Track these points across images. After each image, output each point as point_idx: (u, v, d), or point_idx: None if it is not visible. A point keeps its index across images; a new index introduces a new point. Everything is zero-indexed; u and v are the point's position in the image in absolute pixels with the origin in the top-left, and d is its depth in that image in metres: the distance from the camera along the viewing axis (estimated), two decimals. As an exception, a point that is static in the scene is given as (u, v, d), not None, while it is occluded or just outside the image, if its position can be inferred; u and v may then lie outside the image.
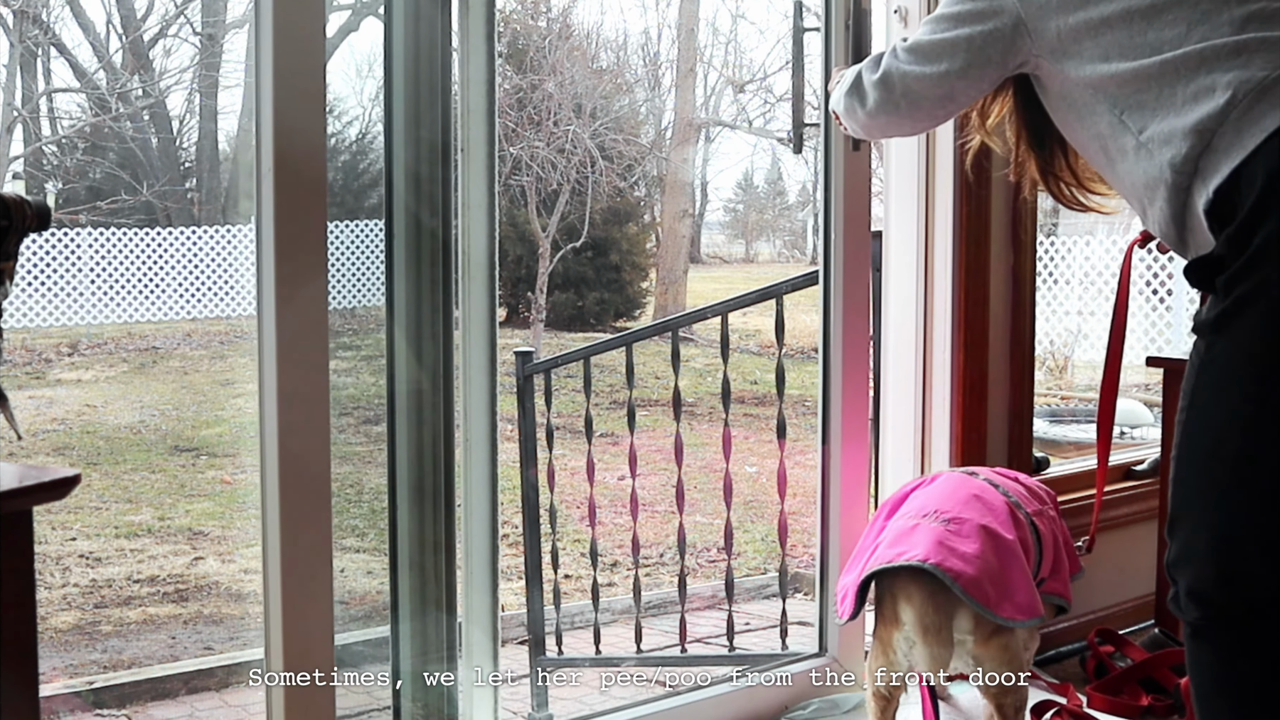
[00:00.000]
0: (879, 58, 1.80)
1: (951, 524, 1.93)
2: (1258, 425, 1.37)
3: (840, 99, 1.87)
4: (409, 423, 1.79)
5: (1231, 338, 1.39)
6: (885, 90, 1.76)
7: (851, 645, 2.37)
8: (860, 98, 1.81)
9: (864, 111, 1.81)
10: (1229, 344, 1.39)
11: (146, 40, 10.86)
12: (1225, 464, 1.40)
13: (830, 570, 2.35)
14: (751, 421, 8.79)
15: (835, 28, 2.23)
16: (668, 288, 12.91)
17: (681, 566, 3.69)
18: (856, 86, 1.82)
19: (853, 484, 2.34)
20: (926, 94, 1.72)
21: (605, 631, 4.13)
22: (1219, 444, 1.41)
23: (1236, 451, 1.39)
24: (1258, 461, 1.37)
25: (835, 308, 2.30)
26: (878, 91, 1.78)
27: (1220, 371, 1.41)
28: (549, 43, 11.33)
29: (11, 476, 1.14)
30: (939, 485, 2.14)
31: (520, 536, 3.80)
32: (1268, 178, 1.33)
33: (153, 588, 5.30)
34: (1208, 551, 1.41)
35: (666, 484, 7.00)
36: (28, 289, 9.15)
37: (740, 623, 4.43)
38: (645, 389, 9.19)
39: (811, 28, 2.26)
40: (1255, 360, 1.37)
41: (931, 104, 1.74)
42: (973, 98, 1.76)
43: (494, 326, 1.88)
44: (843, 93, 1.86)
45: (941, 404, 2.42)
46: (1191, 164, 1.40)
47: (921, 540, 1.90)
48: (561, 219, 11.10)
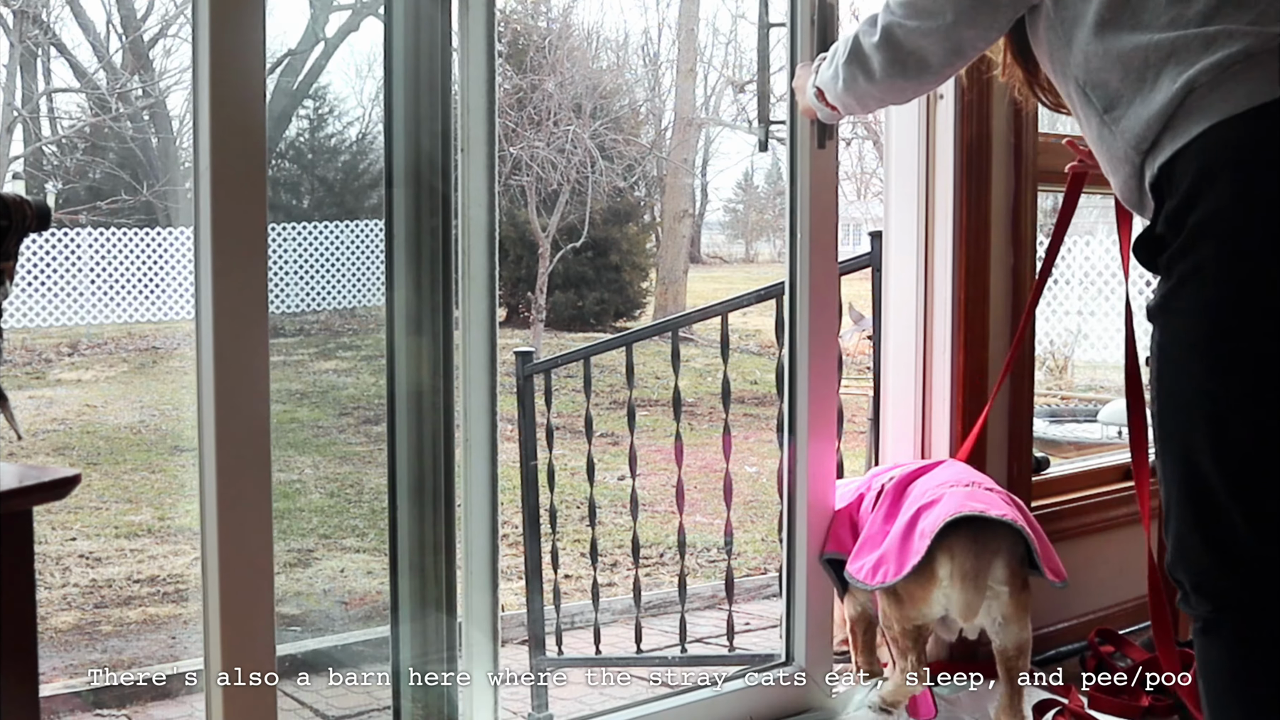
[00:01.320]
0: (873, 19, 1.70)
1: (994, 493, 2.08)
2: (1225, 408, 1.36)
3: (835, 73, 1.78)
4: (409, 423, 1.79)
5: (1178, 322, 1.39)
6: (891, 50, 1.67)
7: (820, 650, 2.30)
8: (862, 64, 1.72)
9: (867, 80, 1.73)
10: (1176, 329, 1.39)
11: (146, 40, 10.85)
12: (1202, 453, 1.38)
13: (797, 570, 2.27)
14: (751, 421, 8.80)
15: (801, 24, 2.17)
16: (668, 288, 12.91)
17: (681, 566, 3.69)
18: (856, 54, 1.72)
19: (820, 481, 2.27)
20: (934, 49, 1.64)
21: (605, 631, 4.13)
22: (1191, 433, 1.39)
23: (1210, 438, 1.37)
24: (1232, 444, 1.36)
25: (801, 305, 2.23)
26: (882, 53, 1.68)
27: (1174, 359, 1.41)
28: (549, 42, 11.33)
29: (11, 476, 1.14)
30: (949, 468, 2.18)
31: (520, 536, 3.80)
32: (1205, 161, 1.34)
33: (153, 588, 5.30)
34: (1202, 543, 1.40)
35: (666, 484, 7.01)
36: (28, 289, 9.15)
37: (740, 623, 4.44)
38: (645, 389, 9.19)
39: (777, 23, 2.21)
40: (1205, 341, 1.36)
41: (940, 61, 1.66)
42: (981, 49, 1.67)
43: (494, 326, 1.88)
44: (839, 64, 1.77)
45: (941, 404, 2.42)
46: (1150, 145, 1.41)
47: (987, 500, 2.04)
48: (561, 219, 11.10)
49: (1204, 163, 1.35)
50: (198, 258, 1.55)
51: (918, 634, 2.11)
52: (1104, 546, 2.35)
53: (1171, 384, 1.41)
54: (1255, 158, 1.34)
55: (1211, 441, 1.37)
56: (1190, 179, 1.35)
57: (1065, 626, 2.62)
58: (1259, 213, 1.33)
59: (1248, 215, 1.33)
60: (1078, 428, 5.95)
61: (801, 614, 2.27)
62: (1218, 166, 1.34)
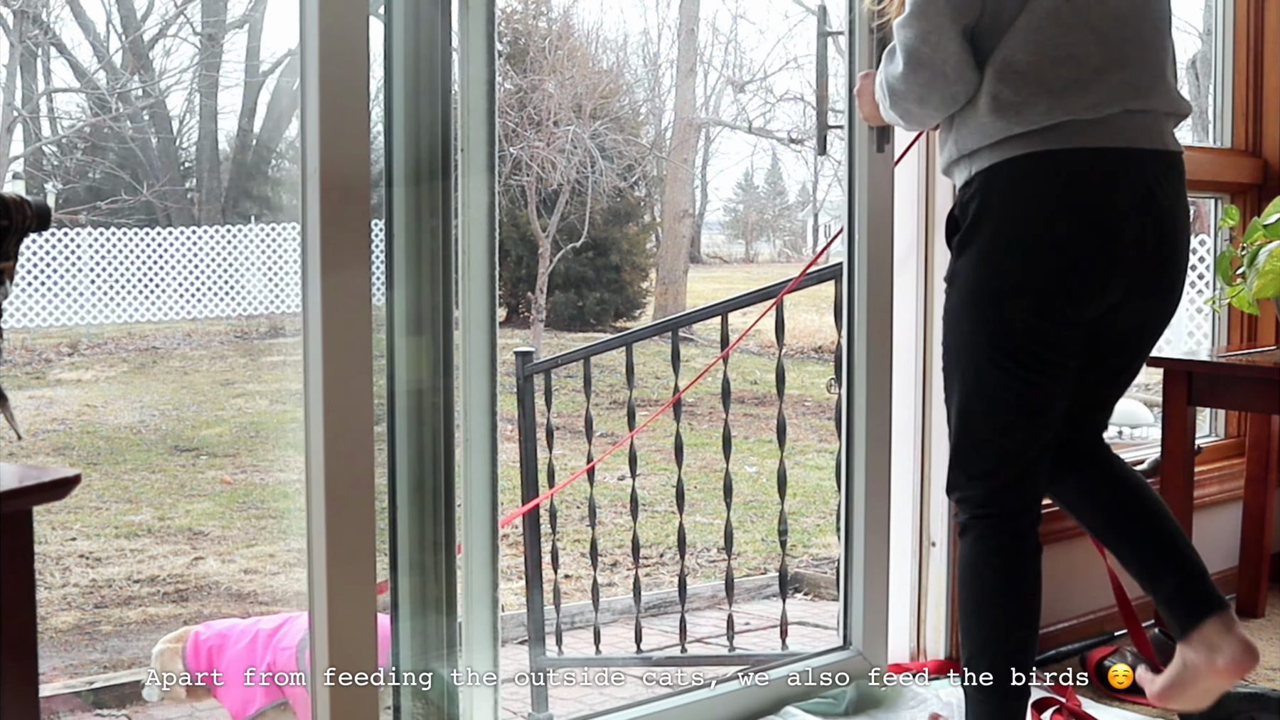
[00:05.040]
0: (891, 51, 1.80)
1: None
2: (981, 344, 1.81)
3: (898, 94, 1.84)
4: (409, 423, 1.79)
5: (958, 284, 1.83)
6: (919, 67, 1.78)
7: (875, 637, 2.38)
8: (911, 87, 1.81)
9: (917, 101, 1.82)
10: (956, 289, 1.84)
11: (146, 40, 10.85)
12: (970, 394, 1.86)
13: (855, 558, 2.35)
14: (751, 421, 8.80)
15: (859, 32, 2.25)
16: (668, 288, 12.91)
17: (681, 566, 3.69)
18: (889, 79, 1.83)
19: (876, 477, 2.36)
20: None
21: (605, 631, 4.13)
22: (963, 375, 1.85)
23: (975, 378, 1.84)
24: (986, 385, 1.83)
25: (860, 309, 2.33)
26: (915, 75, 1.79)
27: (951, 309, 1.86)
28: (549, 43, 11.33)
29: (11, 476, 1.14)
30: None
31: (520, 536, 3.80)
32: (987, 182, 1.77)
33: (153, 588, 5.30)
34: (962, 464, 1.89)
35: (666, 484, 7.01)
36: (28, 289, 9.15)
37: (740, 622, 4.44)
38: (645, 389, 9.19)
39: (835, 31, 2.28)
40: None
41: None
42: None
43: (494, 326, 1.88)
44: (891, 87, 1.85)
45: (941, 404, 2.42)
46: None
47: None
48: (561, 219, 11.10)
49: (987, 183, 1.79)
50: (305, 256, 1.63)
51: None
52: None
53: (951, 326, 1.87)
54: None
55: (976, 381, 1.82)
56: (977, 189, 1.79)
57: (1065, 626, 2.62)
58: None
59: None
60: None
61: (859, 601, 2.35)
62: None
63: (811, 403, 9.46)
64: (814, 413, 9.19)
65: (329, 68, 1.61)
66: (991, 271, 1.78)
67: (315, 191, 1.61)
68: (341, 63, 1.62)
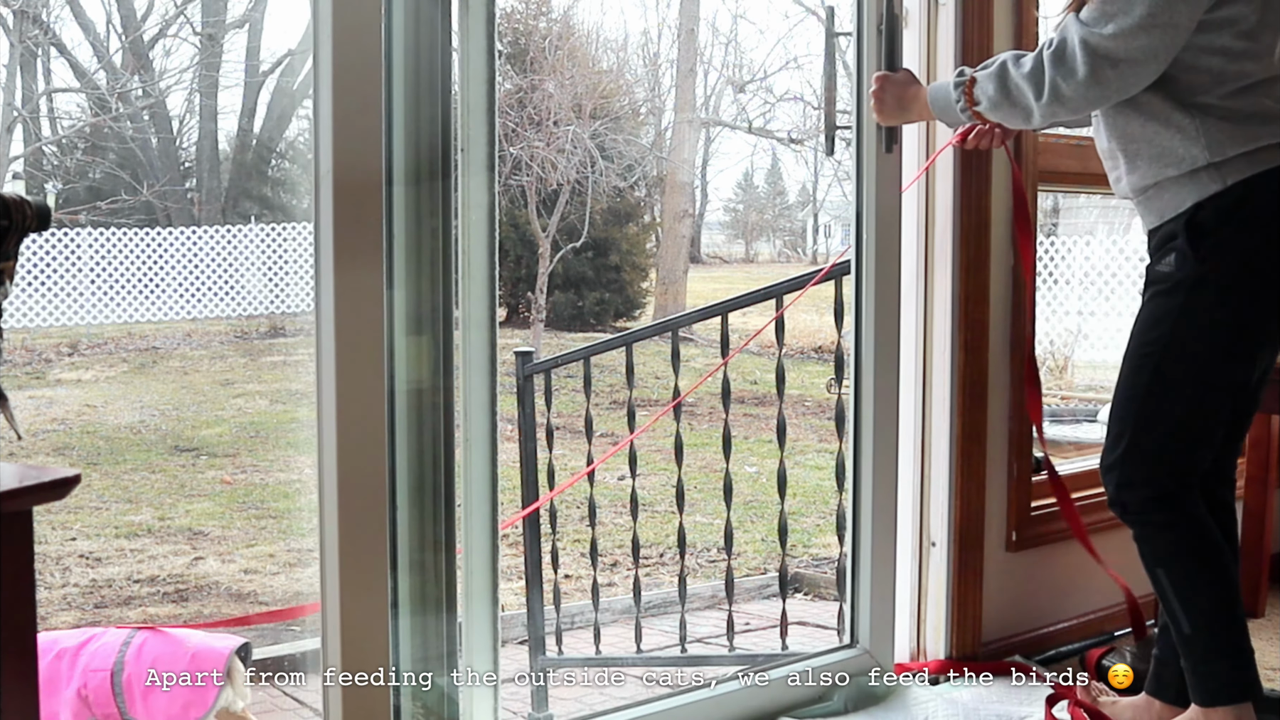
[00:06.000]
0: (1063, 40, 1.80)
1: None
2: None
3: (1031, 79, 1.83)
4: (409, 422, 1.79)
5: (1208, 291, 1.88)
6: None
7: (882, 635, 2.39)
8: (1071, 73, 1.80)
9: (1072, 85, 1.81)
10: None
11: (146, 40, 10.86)
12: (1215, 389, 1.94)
13: (861, 557, 2.36)
14: (751, 421, 8.80)
15: (867, 33, 2.25)
16: (668, 288, 12.91)
17: (681, 566, 3.69)
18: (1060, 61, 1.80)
19: (882, 475, 2.37)
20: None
21: (605, 631, 4.12)
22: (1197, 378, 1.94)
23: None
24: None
25: (867, 308, 2.34)
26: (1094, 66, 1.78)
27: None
28: (549, 43, 11.33)
29: (11, 476, 1.14)
30: None
31: (520, 536, 3.80)
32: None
33: (153, 588, 5.30)
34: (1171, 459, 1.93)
35: (666, 484, 7.00)
36: (28, 289, 9.16)
37: (740, 623, 4.43)
38: (645, 389, 9.19)
39: (843, 33, 2.28)
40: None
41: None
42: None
43: (494, 326, 1.88)
44: (1025, 73, 1.84)
45: (941, 404, 2.42)
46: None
47: None
48: (561, 219, 11.09)
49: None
50: (318, 255, 1.66)
51: None
52: (1103, 546, 2.34)
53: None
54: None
55: (1204, 391, 1.89)
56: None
57: (1065, 626, 2.62)
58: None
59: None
60: (1078, 428, 5.94)
61: (866, 599, 2.36)
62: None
63: (811, 403, 9.46)
64: (814, 413, 9.19)
65: (342, 67, 1.61)
66: (1261, 285, 1.84)
67: (328, 191, 1.63)
68: (354, 62, 1.63)
